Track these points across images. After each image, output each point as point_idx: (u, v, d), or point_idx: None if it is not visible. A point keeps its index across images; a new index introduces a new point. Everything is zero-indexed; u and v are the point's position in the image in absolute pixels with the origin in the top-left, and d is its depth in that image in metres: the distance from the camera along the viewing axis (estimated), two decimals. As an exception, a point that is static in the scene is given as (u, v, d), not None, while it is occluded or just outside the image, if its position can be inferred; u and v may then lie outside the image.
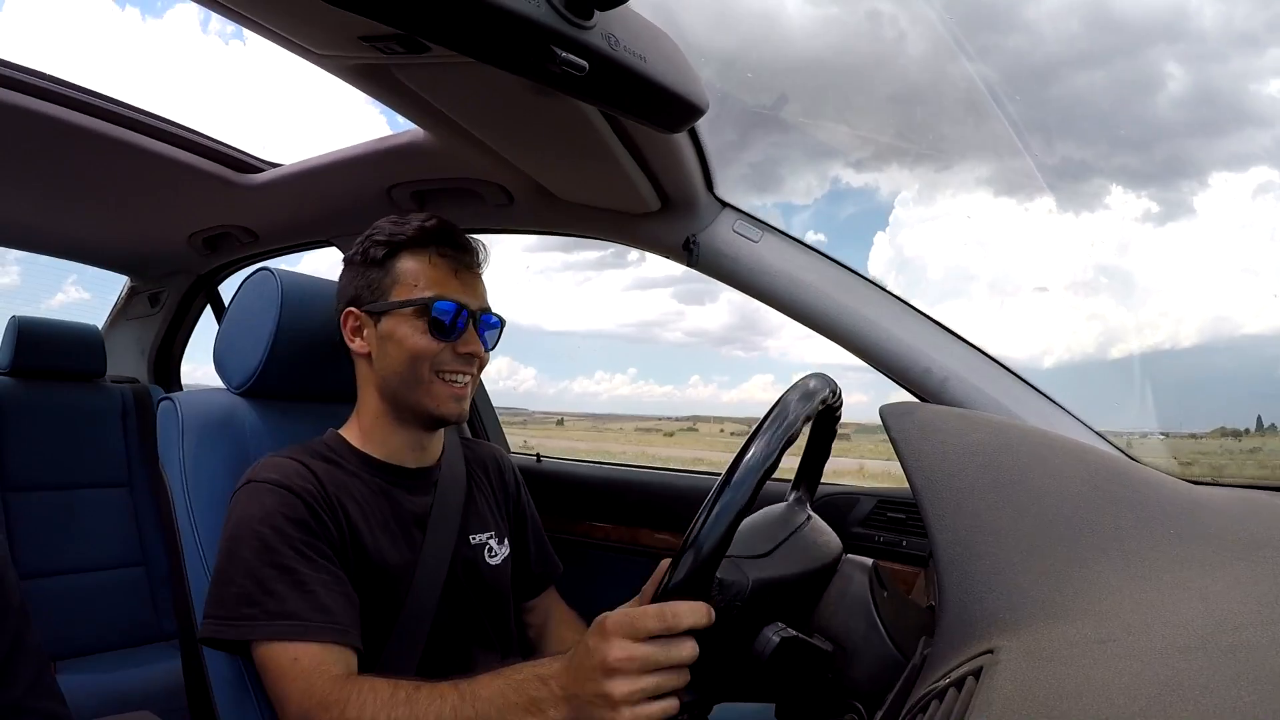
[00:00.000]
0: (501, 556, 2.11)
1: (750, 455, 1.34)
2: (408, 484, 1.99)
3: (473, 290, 1.96)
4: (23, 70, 2.39)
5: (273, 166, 3.01)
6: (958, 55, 2.33)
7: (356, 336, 1.96)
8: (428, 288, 1.90)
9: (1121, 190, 46.57)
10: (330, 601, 1.67)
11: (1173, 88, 20.95)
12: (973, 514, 1.19)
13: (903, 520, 2.41)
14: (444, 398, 1.91)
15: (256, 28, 1.58)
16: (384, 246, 1.93)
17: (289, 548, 1.69)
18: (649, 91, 1.54)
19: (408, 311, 1.89)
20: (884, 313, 2.28)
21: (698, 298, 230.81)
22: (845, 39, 3.76)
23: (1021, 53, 14.15)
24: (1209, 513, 1.26)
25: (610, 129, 1.97)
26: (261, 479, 1.78)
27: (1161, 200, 15.43)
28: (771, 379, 60.72)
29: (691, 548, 1.27)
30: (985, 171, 7.52)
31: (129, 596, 3.63)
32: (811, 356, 21.69)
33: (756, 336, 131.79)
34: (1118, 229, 10.69)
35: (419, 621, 1.88)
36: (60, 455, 3.62)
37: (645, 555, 2.98)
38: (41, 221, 3.56)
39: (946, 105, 3.07)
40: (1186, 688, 0.71)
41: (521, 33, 1.29)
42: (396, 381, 1.92)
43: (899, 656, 1.38)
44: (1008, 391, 2.18)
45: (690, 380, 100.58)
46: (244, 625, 1.64)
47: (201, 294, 4.39)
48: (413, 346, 1.88)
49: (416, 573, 1.89)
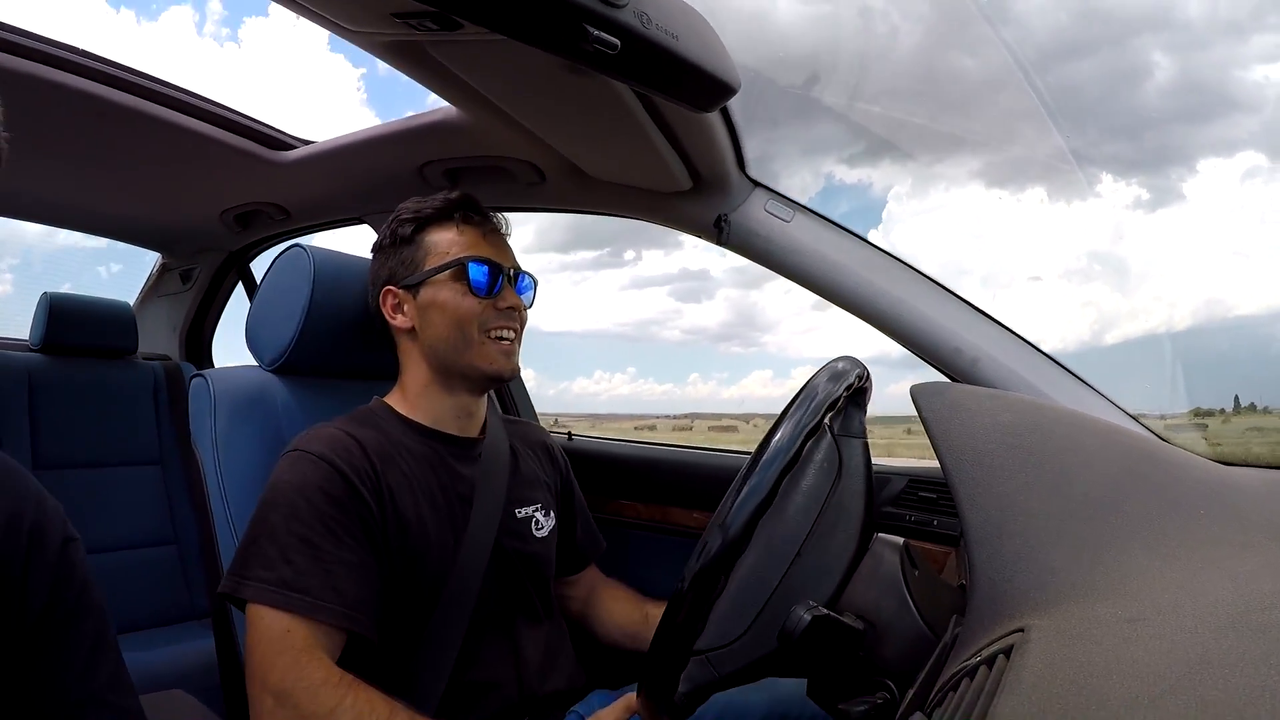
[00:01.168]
0: (548, 529, 2.13)
1: (779, 436, 1.34)
2: (455, 452, 2.00)
3: (503, 252, 2.03)
4: (58, 45, 2.39)
5: (305, 144, 3.01)
6: (984, 37, 2.31)
7: (398, 313, 1.98)
8: (460, 251, 1.97)
9: (1112, 178, 46.30)
10: (346, 584, 1.69)
11: (1160, 76, 20.57)
12: (1003, 494, 1.19)
13: (934, 500, 2.40)
14: (495, 355, 1.95)
15: (293, 5, 1.58)
16: (411, 224, 1.98)
17: (319, 521, 1.70)
18: (681, 70, 1.54)
19: (445, 276, 1.94)
20: (915, 293, 2.28)
21: (694, 295, 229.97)
22: (839, 34, 3.71)
23: (1011, 45, 14.03)
24: (1239, 494, 1.25)
25: (642, 107, 1.97)
26: (307, 449, 1.79)
27: (1151, 187, 15.12)
28: (770, 374, 60.83)
29: (719, 530, 1.28)
30: (977, 164, 7.35)
31: (161, 575, 3.65)
32: (810, 350, 21.37)
33: (754, 332, 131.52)
34: (1109, 216, 10.55)
35: (465, 593, 1.89)
36: (92, 433, 3.64)
37: (677, 534, 2.98)
38: (75, 198, 3.58)
39: (941, 98, 3.04)
40: (1216, 666, 0.71)
41: (554, 11, 1.29)
42: (445, 347, 1.95)
43: (930, 635, 1.38)
44: (1038, 372, 2.17)
45: (689, 378, 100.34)
46: (253, 585, 1.66)
47: (233, 271, 4.40)
48: (455, 309, 1.92)
49: (462, 545, 1.90)
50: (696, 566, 1.31)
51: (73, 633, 1.30)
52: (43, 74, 2.35)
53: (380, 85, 67.02)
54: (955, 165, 9.86)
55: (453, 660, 1.86)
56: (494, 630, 1.95)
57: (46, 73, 2.36)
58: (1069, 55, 6.04)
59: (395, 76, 1.91)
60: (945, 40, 1.60)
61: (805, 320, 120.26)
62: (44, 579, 1.27)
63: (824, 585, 1.47)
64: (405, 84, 1.90)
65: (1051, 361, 2.21)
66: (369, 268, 2.04)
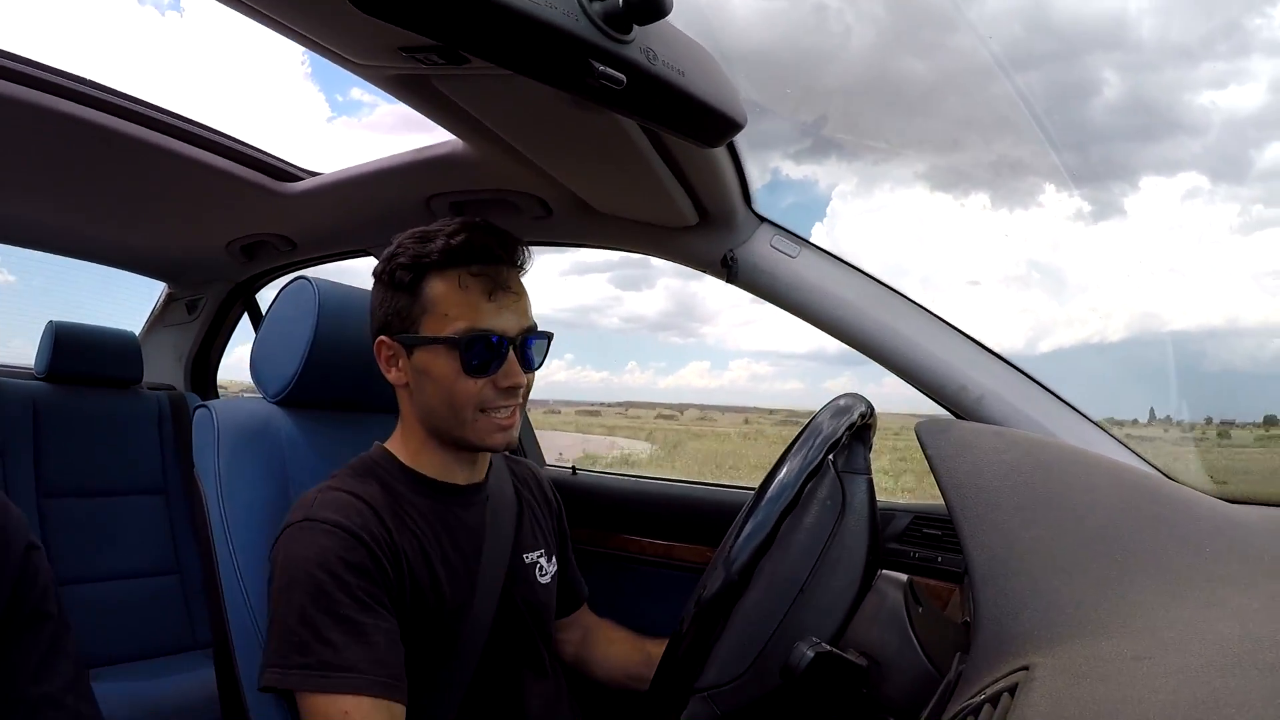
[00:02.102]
0: (550, 574, 2.09)
1: (783, 473, 1.34)
2: (460, 502, 1.95)
3: (511, 312, 1.82)
4: (63, 75, 2.40)
5: (312, 175, 3.02)
6: (933, 43, 2.35)
7: (392, 366, 1.89)
8: (460, 317, 1.78)
9: (1055, 189, 47.42)
10: (387, 654, 1.63)
11: (1108, 94, 21.48)
12: (1008, 531, 1.19)
13: (938, 536, 2.39)
14: (488, 431, 1.84)
15: (297, 37, 1.59)
16: (409, 270, 1.82)
17: (346, 595, 1.63)
18: (687, 106, 1.54)
19: (441, 347, 1.79)
20: (920, 329, 2.28)
21: (635, 284, 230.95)
22: (793, 31, 3.75)
23: (964, 52, 14.46)
24: (1245, 531, 1.25)
25: (649, 143, 1.97)
26: (318, 517, 1.71)
27: (1094, 200, 15.49)
28: (708, 365, 61.24)
29: (721, 567, 1.27)
30: (922, 167, 7.61)
31: (163, 605, 3.64)
32: (748, 343, 21.42)
33: (693, 323, 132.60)
34: (1051, 226, 10.61)
35: (471, 649, 1.85)
36: (96, 462, 3.64)
37: (681, 569, 2.97)
38: (80, 227, 3.59)
39: (891, 99, 3.08)
40: (1223, 705, 0.71)
41: (560, 46, 1.29)
42: (437, 419, 1.86)
43: (934, 672, 1.38)
44: (1043, 409, 2.17)
45: (627, 366, 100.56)
46: (297, 674, 1.59)
47: (239, 302, 4.41)
48: (449, 387, 1.79)
49: (474, 598, 1.85)
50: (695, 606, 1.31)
51: (30, 635, 1.32)
52: (50, 104, 2.36)
53: (324, 60, 69.01)
54: (901, 167, 9.99)
55: (453, 716, 1.83)
56: (498, 686, 1.91)
57: (54, 103, 2.37)
58: (1021, 66, 6.13)
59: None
60: (897, 44, 1.62)
61: (744, 313, 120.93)
62: (6, 580, 1.29)
63: (827, 622, 1.47)
64: None
65: (1057, 399, 2.21)
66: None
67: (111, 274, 4.20)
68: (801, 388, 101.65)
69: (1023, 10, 33.57)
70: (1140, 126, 58.70)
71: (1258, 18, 60.44)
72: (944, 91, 11.54)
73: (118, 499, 3.68)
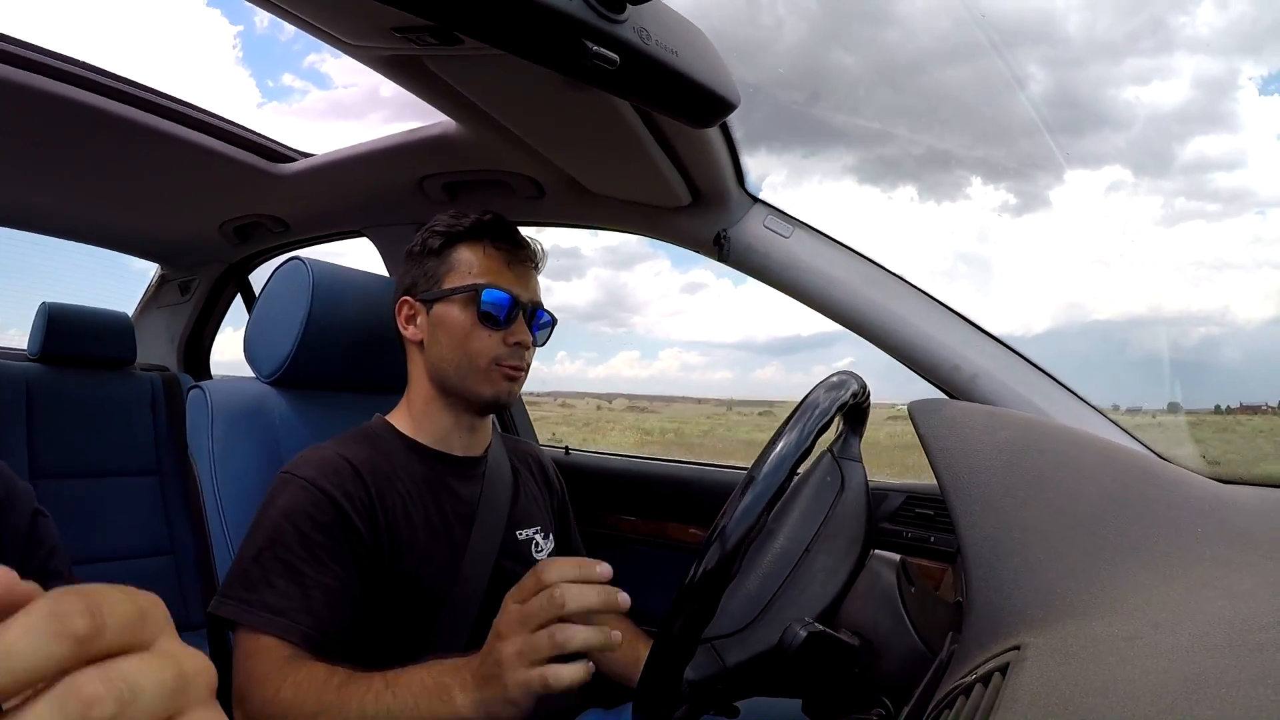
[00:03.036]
0: (547, 552, 2.12)
1: (777, 450, 1.34)
2: (456, 472, 1.99)
3: (525, 283, 2.00)
4: (55, 56, 2.39)
5: (305, 156, 3.02)
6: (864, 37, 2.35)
7: (410, 324, 1.98)
8: (480, 276, 1.94)
9: (981, 181, 48.12)
10: (325, 609, 1.69)
11: (1035, 88, 21.32)
12: (1000, 511, 1.19)
13: (930, 516, 2.40)
14: (497, 381, 1.93)
15: (289, 17, 1.59)
16: (441, 237, 1.97)
17: (302, 546, 1.71)
18: (681, 86, 1.54)
19: (459, 298, 1.92)
20: (913, 309, 2.28)
21: (565, 273, 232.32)
22: (724, 23, 3.73)
23: (893, 46, 14.16)
24: (1237, 511, 1.25)
25: (642, 123, 1.97)
26: (297, 473, 1.79)
27: (1019, 193, 15.68)
28: (638, 355, 61.53)
29: (717, 540, 1.27)
30: (851, 160, 7.55)
31: (157, 585, 3.54)
32: (678, 333, 21.43)
33: (623, 313, 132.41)
34: (977, 219, 10.50)
35: (463, 616, 1.89)
36: (89, 443, 3.63)
37: (674, 549, 2.99)
38: (73, 208, 3.58)
39: (821, 92, 3.08)
40: (1213, 685, 0.71)
41: (554, 26, 1.29)
42: (447, 368, 1.93)
43: (926, 652, 1.38)
44: (1036, 388, 2.17)
45: (557, 356, 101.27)
46: (234, 605, 1.68)
47: (232, 283, 4.41)
48: (464, 335, 1.90)
49: (462, 567, 1.89)
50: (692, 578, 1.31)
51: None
52: (42, 85, 2.35)
53: (257, 45, 65.54)
54: (829, 160, 9.97)
55: None
56: None
57: (46, 84, 2.36)
58: (950, 60, 6.12)
59: (273, 37, 1.89)
60: (829, 36, 1.61)
61: (674, 303, 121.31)
62: (16, 541, 1.36)
63: (820, 601, 1.47)
64: (284, 45, 1.87)
65: (1050, 378, 2.21)
66: (369, 281, 2.05)
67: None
68: (731, 377, 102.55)
69: (952, 4, 34.10)
70: (1066, 120, 58.94)
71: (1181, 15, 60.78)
72: (872, 84, 11.49)
73: (111, 480, 3.67)
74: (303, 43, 3.95)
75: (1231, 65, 67.72)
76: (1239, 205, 48.09)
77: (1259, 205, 49.80)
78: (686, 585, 1.29)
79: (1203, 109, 59.82)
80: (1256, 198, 50.93)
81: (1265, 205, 48.09)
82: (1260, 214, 48.20)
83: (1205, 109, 60.34)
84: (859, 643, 1.43)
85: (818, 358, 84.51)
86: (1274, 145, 69.30)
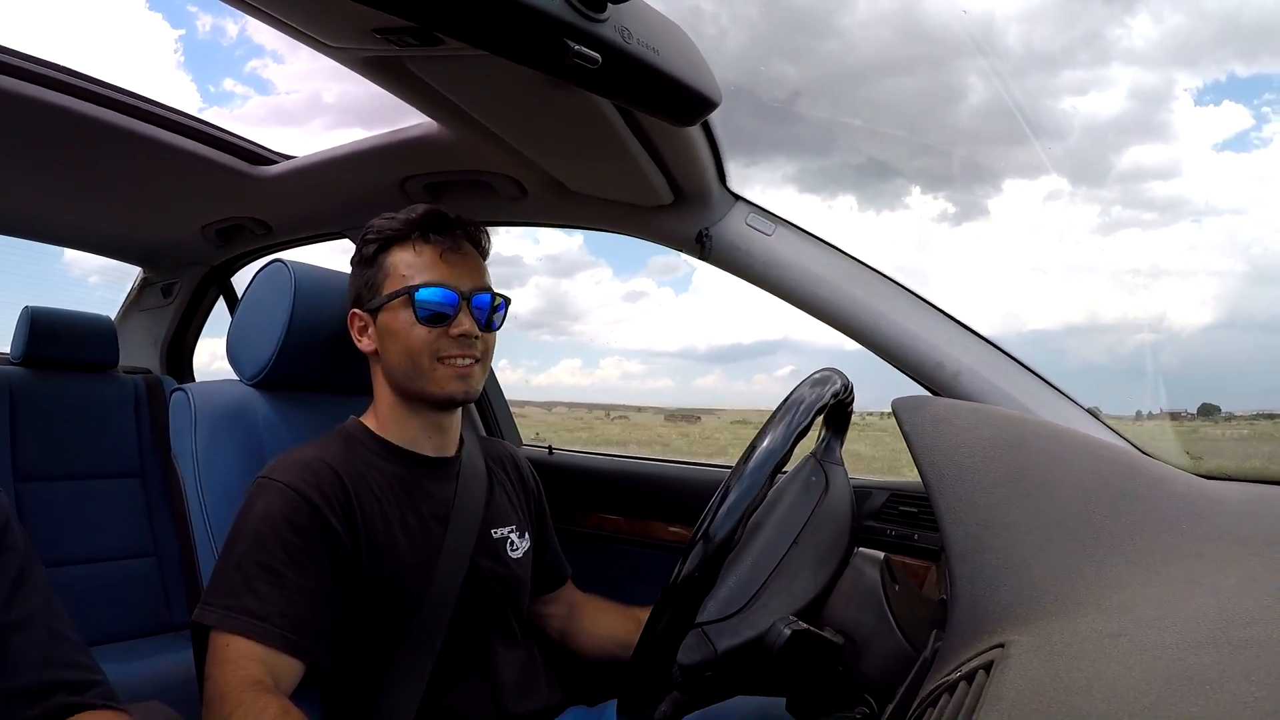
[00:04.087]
0: (523, 550, 2.12)
1: (763, 446, 1.34)
2: (428, 473, 2.00)
3: (463, 270, 1.96)
4: (36, 61, 2.39)
5: (286, 159, 3.01)
6: (806, 47, 2.36)
7: (363, 336, 1.99)
8: (415, 275, 1.92)
9: (920, 191, 48.47)
10: (307, 611, 1.71)
11: (973, 99, 21.75)
12: (984, 508, 1.19)
13: (915, 514, 2.40)
14: (447, 379, 1.92)
15: (269, 19, 1.58)
16: (375, 243, 1.96)
17: (282, 550, 1.72)
18: (662, 85, 1.54)
19: (398, 303, 1.92)
20: (896, 306, 2.28)
21: (506, 282, 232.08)
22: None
23: (834, 56, 14.37)
24: (1221, 508, 1.26)
25: (623, 122, 1.97)
26: (274, 477, 1.80)
27: (958, 202, 15.69)
28: (579, 363, 61.39)
29: (703, 539, 1.27)
30: (792, 169, 7.50)
31: (140, 587, 3.63)
32: (619, 342, 21.41)
33: (564, 321, 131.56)
34: (916, 228, 10.40)
35: (438, 616, 1.88)
36: (72, 445, 3.62)
37: (658, 548, 2.99)
38: (55, 213, 3.58)
39: (762, 102, 3.06)
40: (1198, 682, 0.71)
41: (535, 26, 1.29)
42: (399, 374, 1.93)
43: (910, 650, 1.38)
44: (1020, 385, 2.18)
45: (499, 364, 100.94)
46: (218, 612, 1.68)
47: (214, 285, 4.39)
48: (407, 338, 1.90)
49: (437, 566, 1.90)
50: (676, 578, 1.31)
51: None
52: (20, 90, 2.35)
53: (199, 49, 65.60)
54: (770, 169, 10.01)
55: (424, 685, 1.86)
56: (469, 654, 1.95)
57: (25, 88, 2.36)
58: (891, 71, 6.14)
59: (215, 42, 1.88)
60: (771, 47, 1.60)
61: (615, 311, 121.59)
62: None
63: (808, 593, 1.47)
64: (226, 50, 1.86)
65: (1034, 375, 2.21)
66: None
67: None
68: (672, 385, 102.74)
69: (893, 15, 34.02)
70: (1004, 130, 59.46)
71: (1117, 28, 61.51)
72: (813, 94, 11.47)
73: (94, 482, 3.67)
74: (245, 48, 3.85)
75: (1168, 77, 69.30)
76: (1174, 214, 48.55)
77: (1194, 213, 50.86)
78: (671, 585, 1.29)
79: (1139, 120, 60.51)
80: (1192, 206, 51.92)
81: (1200, 214, 49.29)
82: (1196, 222, 49.51)
83: (1141, 120, 61.09)
84: (843, 641, 1.43)
85: (759, 366, 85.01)
86: (1209, 155, 71.02)
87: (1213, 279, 37.27)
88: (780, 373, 63.12)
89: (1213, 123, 77.38)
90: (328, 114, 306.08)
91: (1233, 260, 39.98)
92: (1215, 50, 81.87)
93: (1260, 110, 75.09)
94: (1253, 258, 42.10)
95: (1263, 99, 74.61)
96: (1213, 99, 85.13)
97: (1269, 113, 70.76)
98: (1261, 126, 74.61)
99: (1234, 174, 68.23)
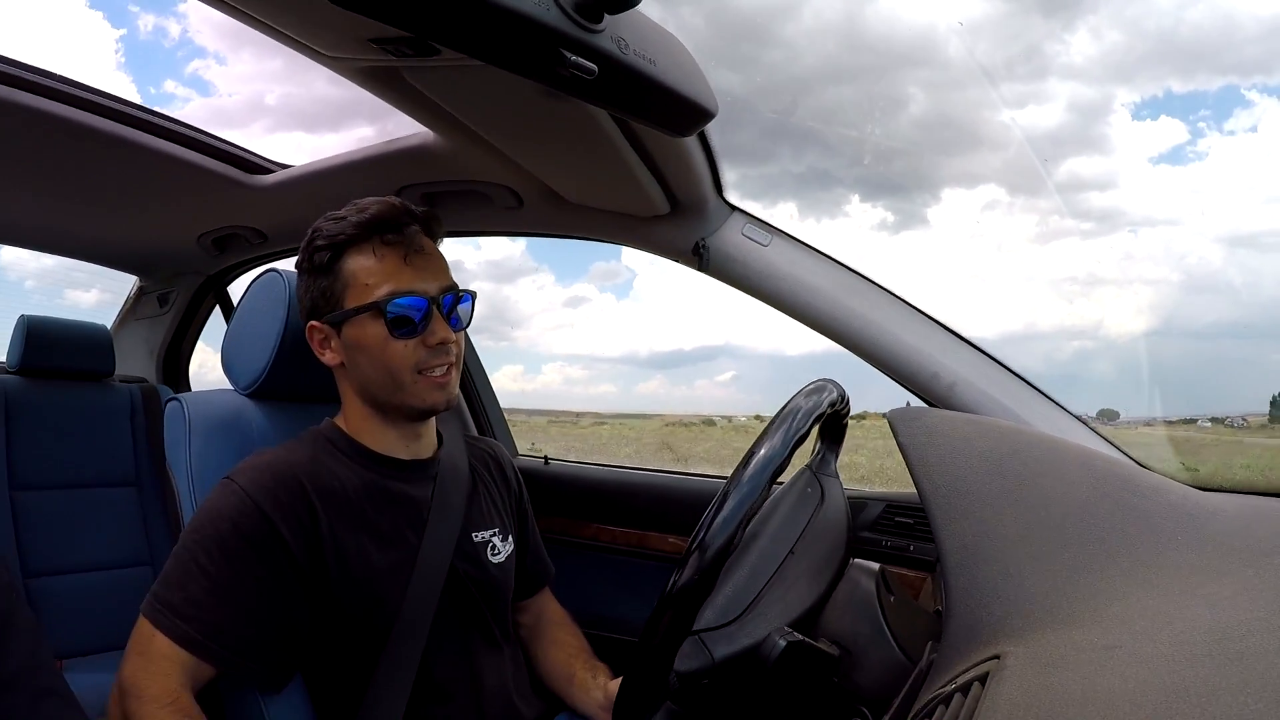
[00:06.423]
0: (505, 554, 2.08)
1: (760, 453, 1.34)
2: (405, 476, 1.96)
3: (428, 272, 1.88)
4: (33, 70, 2.39)
5: (282, 168, 3.01)
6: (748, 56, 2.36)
7: (325, 349, 1.92)
8: (380, 284, 1.83)
9: (859, 199, 48.60)
10: (230, 619, 1.70)
11: (914, 109, 21.46)
12: (980, 519, 1.19)
13: (910, 525, 2.39)
14: (427, 391, 1.87)
15: (266, 29, 1.58)
16: (327, 250, 1.86)
17: (221, 553, 1.70)
18: (658, 95, 1.54)
19: (365, 316, 1.83)
20: (892, 317, 2.28)
21: None
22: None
23: (778, 66, 14.11)
24: (1216, 519, 1.25)
25: (620, 132, 1.97)
26: (235, 479, 1.78)
27: (897, 210, 15.59)
28: (521, 369, 60.62)
29: (700, 546, 1.27)
30: (732, 176, 7.39)
31: (135, 596, 3.53)
32: (560, 347, 21.34)
33: (505, 326, 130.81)
34: (856, 236, 10.28)
35: (419, 622, 1.86)
36: (68, 454, 3.61)
37: (654, 559, 2.97)
38: (51, 222, 3.58)
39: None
40: (1193, 694, 0.71)
41: (531, 36, 1.29)
42: (374, 388, 1.89)
43: (905, 661, 1.38)
44: (1015, 396, 2.17)
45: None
46: (149, 601, 1.73)
47: (210, 294, 4.39)
48: (382, 353, 1.83)
49: (414, 570, 1.87)
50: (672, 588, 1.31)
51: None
52: (19, 99, 2.35)
53: (140, 50, 64.64)
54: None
55: (408, 691, 1.84)
56: (452, 659, 1.92)
57: (23, 98, 2.36)
58: (835, 80, 6.16)
59: (157, 43, 1.85)
60: (713, 55, 1.59)
61: (556, 317, 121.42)
62: None
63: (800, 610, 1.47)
64: (167, 51, 1.83)
65: (1029, 386, 2.21)
66: None
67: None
68: (615, 390, 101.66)
69: (837, 27, 33.15)
70: (944, 140, 58.23)
71: (1056, 44, 61.73)
72: (755, 103, 11.55)
73: (90, 491, 3.66)
74: (186, 49, 3.80)
75: (1105, 91, 68.48)
76: (1111, 224, 48.13)
77: (1131, 224, 49.88)
78: (666, 595, 1.29)
79: (1077, 132, 59.65)
80: (1128, 217, 51.29)
81: (1137, 224, 48.47)
82: (1132, 232, 48.77)
83: (1079, 132, 60.15)
84: (838, 652, 1.43)
85: (700, 371, 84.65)
86: (1145, 168, 71.13)
87: (1148, 287, 37.13)
88: (722, 378, 62.37)
89: (1149, 137, 75.89)
90: (269, 116, 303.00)
91: (1168, 269, 39.69)
92: (1153, 67, 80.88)
93: (1196, 125, 74.19)
94: (1187, 267, 42.07)
95: (1198, 114, 73.78)
96: (1149, 114, 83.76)
97: (1204, 128, 69.94)
98: (1196, 141, 73.62)
99: (1170, 186, 67.62)
